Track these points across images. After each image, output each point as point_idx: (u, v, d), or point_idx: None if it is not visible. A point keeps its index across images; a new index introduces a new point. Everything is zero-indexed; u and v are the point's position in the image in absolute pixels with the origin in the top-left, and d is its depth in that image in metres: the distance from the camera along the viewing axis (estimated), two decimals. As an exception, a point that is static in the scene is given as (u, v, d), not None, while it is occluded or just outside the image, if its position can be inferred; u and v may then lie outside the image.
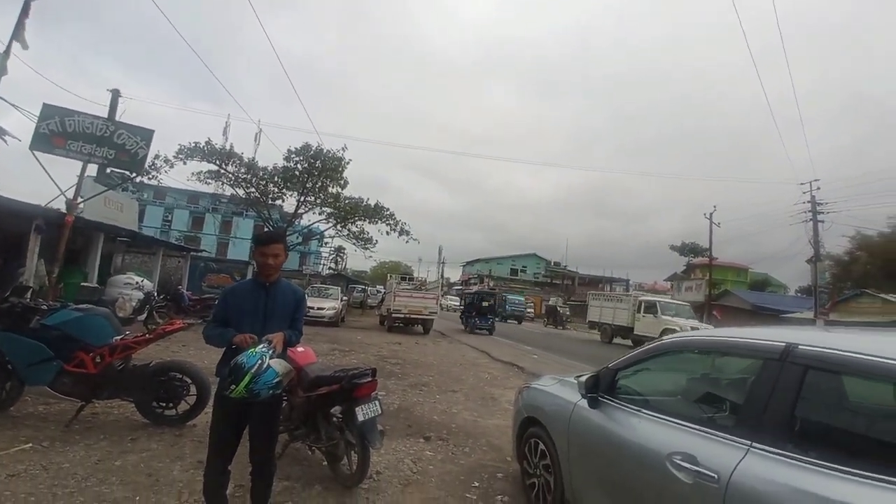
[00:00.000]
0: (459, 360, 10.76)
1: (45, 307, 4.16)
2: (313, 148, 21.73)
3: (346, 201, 23.52)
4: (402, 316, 16.31)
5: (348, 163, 22.28)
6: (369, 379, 3.21)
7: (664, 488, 1.92)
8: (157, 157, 19.44)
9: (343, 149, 22.09)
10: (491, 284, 56.57)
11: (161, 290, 13.25)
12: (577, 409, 2.72)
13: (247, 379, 2.10)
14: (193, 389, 4.18)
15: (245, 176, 22.47)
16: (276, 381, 2.20)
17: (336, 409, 3.31)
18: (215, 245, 44.43)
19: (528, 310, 38.19)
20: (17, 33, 6.57)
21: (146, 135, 8.57)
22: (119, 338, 4.16)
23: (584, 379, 2.72)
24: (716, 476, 1.70)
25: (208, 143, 20.76)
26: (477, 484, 3.57)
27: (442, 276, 50.78)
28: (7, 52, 6.43)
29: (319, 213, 24.55)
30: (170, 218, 48.46)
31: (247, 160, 21.84)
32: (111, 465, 3.26)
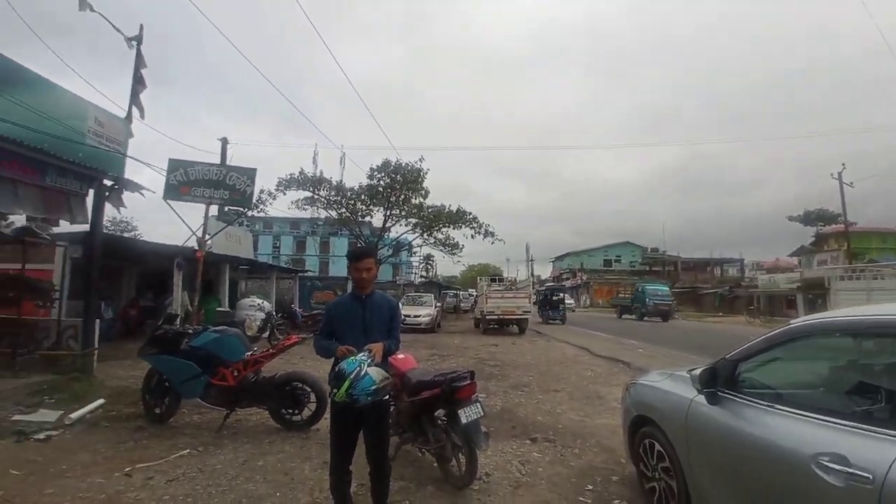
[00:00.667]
0: (559, 358, 10.48)
1: (190, 331, 4.88)
2: (393, 163, 22.74)
3: (429, 210, 24.19)
4: (496, 317, 16.30)
5: (427, 173, 22.95)
6: (468, 382, 3.27)
7: (810, 493, 1.70)
8: (262, 191, 21.75)
9: (420, 160, 22.81)
10: (584, 278, 54.30)
11: (278, 309, 14.76)
12: (694, 406, 2.50)
13: (346, 384, 2.28)
14: (313, 397, 4.61)
15: (335, 198, 24.14)
16: (373, 388, 2.34)
17: (440, 413, 3.42)
18: (317, 265, 48.41)
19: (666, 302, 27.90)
20: (135, 100, 7.79)
21: (251, 173, 9.59)
22: (249, 354, 4.77)
23: (698, 373, 2.50)
24: (870, 477, 1.47)
25: (301, 172, 22.72)
26: (591, 487, 3.43)
27: (532, 273, 49.90)
28: (129, 117, 7.63)
29: (406, 225, 25.54)
30: (278, 244, 53.80)
31: (335, 183, 23.51)
32: (255, 465, 3.70)
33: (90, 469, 3.56)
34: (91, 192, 6.38)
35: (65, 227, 7.19)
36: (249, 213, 19.75)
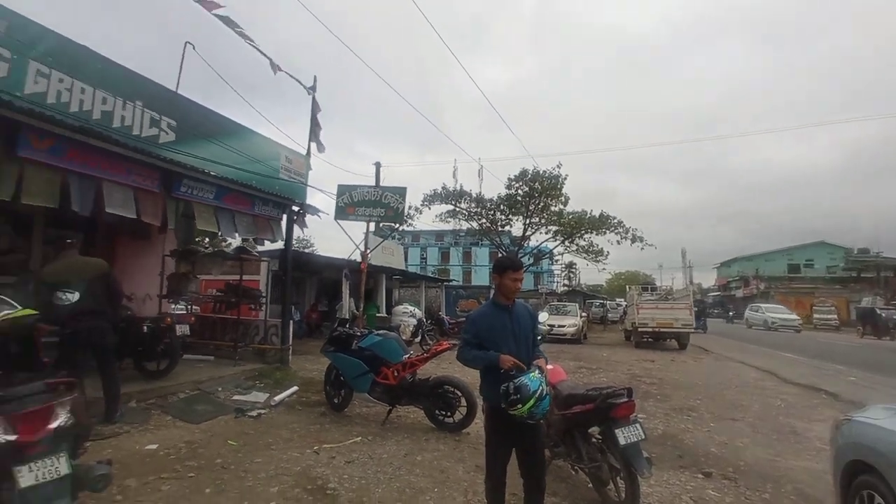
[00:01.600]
0: (733, 380, 9.05)
1: (358, 333, 5.56)
2: (530, 172, 22.62)
3: (570, 216, 23.38)
4: (650, 330, 14.87)
5: (565, 178, 22.28)
6: (626, 399, 3.04)
7: None
8: (409, 207, 23.74)
9: (558, 166, 22.25)
10: (761, 286, 45.96)
11: (427, 315, 15.88)
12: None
13: (531, 402, 2.31)
14: (464, 402, 4.83)
15: (475, 209, 24.96)
16: (549, 407, 2.36)
17: (594, 430, 3.25)
18: (461, 274, 50.68)
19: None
20: (313, 138, 9.19)
21: (402, 192, 10.54)
22: (407, 356, 5.22)
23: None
24: None
25: (443, 187, 24.11)
26: (787, 540, 2.88)
27: (690, 281, 44.17)
28: (308, 153, 9.02)
29: (546, 233, 25.09)
30: (425, 255, 57.94)
31: (475, 195, 24.34)
32: (414, 459, 4.01)
33: (289, 444, 4.29)
34: (284, 216, 7.77)
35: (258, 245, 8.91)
36: (401, 228, 21.67)
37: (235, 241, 11.78)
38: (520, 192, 23.22)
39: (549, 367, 3.60)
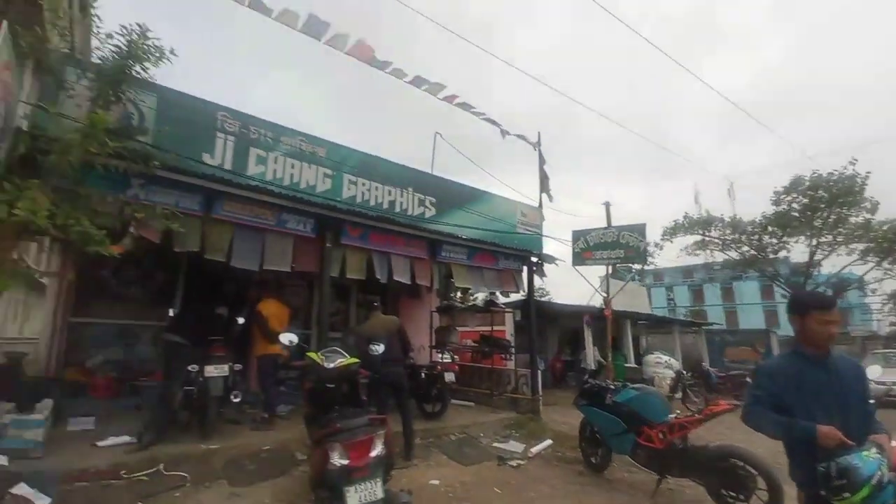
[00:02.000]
0: None
1: (612, 387, 5.17)
2: (807, 178, 17.76)
3: (885, 227, 17.03)
4: None
5: (867, 178, 16.55)
6: None
7: None
8: (649, 243, 21.70)
9: (851, 162, 16.76)
10: None
11: (686, 367, 13.72)
12: None
13: (864, 491, 1.71)
14: (761, 482, 3.83)
15: (731, 237, 20.94)
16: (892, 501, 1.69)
17: None
18: (722, 315, 42.38)
19: None
20: (544, 189, 9.50)
21: (640, 229, 9.79)
22: (672, 416, 4.53)
23: None
24: None
25: (686, 217, 21.21)
26: None
27: None
28: (540, 205, 9.33)
29: (847, 253, 18.87)
30: (672, 296, 51.19)
31: (728, 220, 20.49)
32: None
33: (552, 500, 4.24)
34: (524, 268, 8.22)
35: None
36: (642, 268, 19.95)
37: (481, 295, 13.08)
38: (794, 205, 18.47)
39: (894, 443, 2.56)
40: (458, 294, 14.51)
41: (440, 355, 7.90)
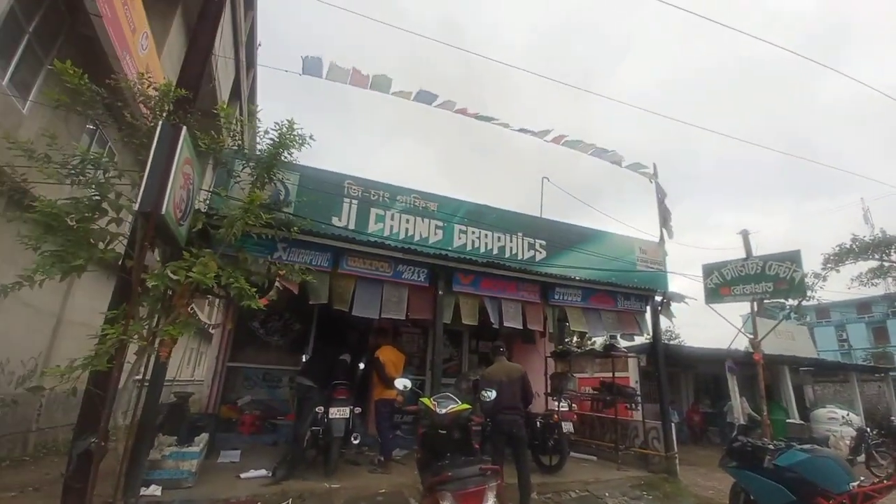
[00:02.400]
0: None
1: (771, 447, 4.32)
2: None
3: None
4: None
5: None
6: None
7: None
8: (807, 274, 18.39)
9: None
10: None
11: (870, 423, 10.99)
12: None
13: None
14: None
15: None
16: None
17: None
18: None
19: None
20: (664, 223, 8.76)
21: (794, 256, 8.45)
22: (855, 484, 3.68)
23: None
24: None
25: (855, 239, 17.64)
26: None
27: None
28: (662, 240, 8.59)
29: None
30: (844, 336, 42.03)
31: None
32: None
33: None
34: (648, 308, 7.58)
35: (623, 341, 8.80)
36: (799, 303, 16.95)
37: (599, 340, 12.22)
38: None
39: None
40: (575, 339, 13.81)
41: (556, 403, 7.50)
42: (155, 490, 4.24)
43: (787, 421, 10.63)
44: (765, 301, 12.80)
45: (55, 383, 2.97)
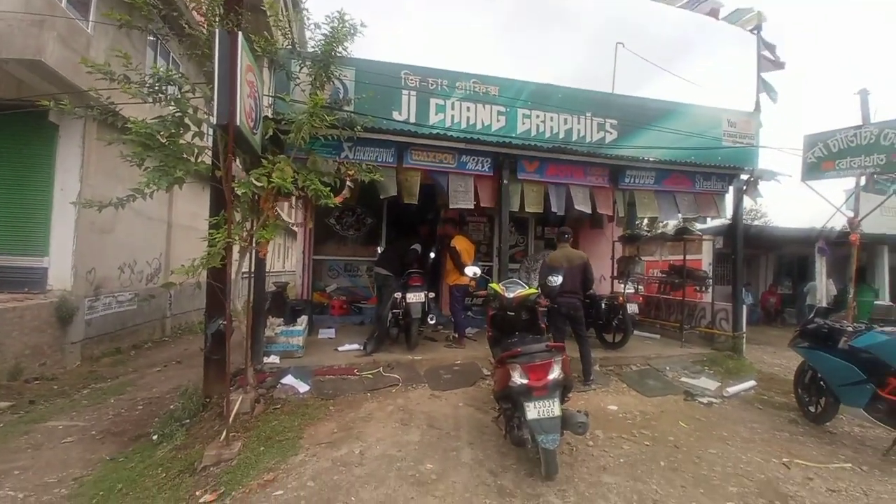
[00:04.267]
0: None
1: (849, 328, 4.24)
2: None
3: None
4: None
5: None
6: None
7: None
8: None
9: None
10: None
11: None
12: None
13: None
14: None
15: None
16: None
17: None
18: None
19: None
20: (763, 86, 7.57)
21: (916, 122, 7.16)
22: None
23: None
24: None
25: None
26: None
27: None
28: (757, 108, 7.52)
29: None
30: (977, 208, 36.37)
31: None
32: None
33: (748, 445, 3.93)
34: (731, 188, 7.04)
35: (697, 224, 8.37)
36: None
37: (672, 222, 11.71)
38: None
39: None
40: (646, 221, 13.36)
41: (623, 286, 7.63)
42: (274, 359, 5.18)
43: (876, 303, 10.03)
44: (874, 175, 11.23)
45: (182, 279, 3.57)
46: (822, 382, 4.39)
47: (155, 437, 4.02)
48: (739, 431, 4.25)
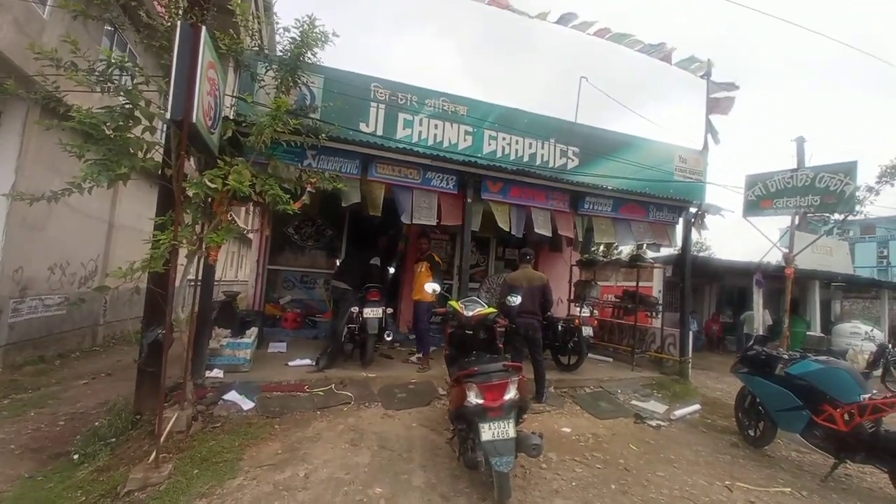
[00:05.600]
0: None
1: (785, 356, 4.48)
2: None
3: None
4: None
5: None
6: None
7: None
8: (860, 188, 17.22)
9: None
10: None
11: (893, 339, 11.06)
12: None
13: None
14: None
15: None
16: None
17: None
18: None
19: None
20: (709, 128, 8.15)
21: (848, 168, 7.85)
22: (867, 396, 3.83)
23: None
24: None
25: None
26: None
27: None
28: (705, 147, 8.07)
29: None
30: (885, 252, 40.34)
31: None
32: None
33: (693, 468, 4.03)
34: (680, 220, 7.42)
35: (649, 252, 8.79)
36: (845, 218, 16.18)
37: (626, 249, 12.20)
38: None
39: None
40: (601, 248, 13.84)
41: (579, 310, 7.79)
42: (218, 373, 4.85)
43: (808, 333, 10.77)
44: (808, 214, 12.23)
45: (118, 283, 3.28)
46: (760, 407, 4.60)
47: (76, 457, 3.61)
48: (685, 454, 4.36)
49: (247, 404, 4.39)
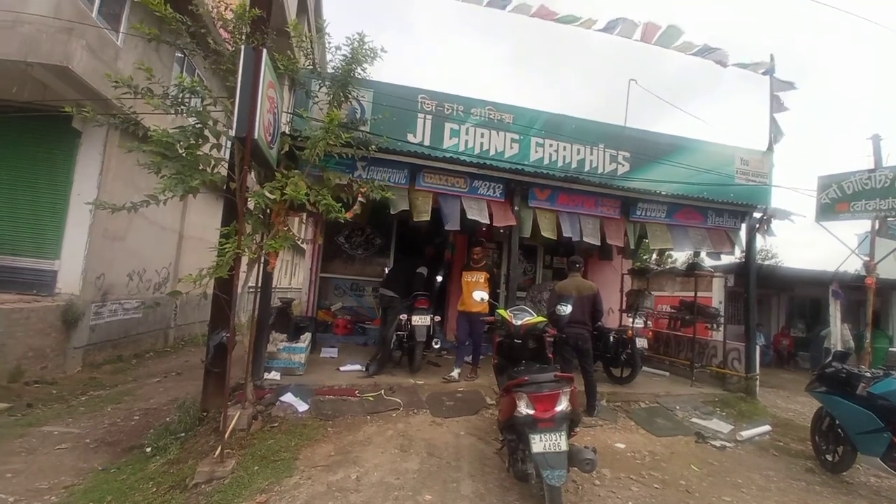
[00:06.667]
0: None
1: (868, 374, 4.12)
2: None
3: None
4: None
5: None
6: None
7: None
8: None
9: None
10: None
11: None
12: None
13: None
14: None
15: None
16: None
17: None
18: None
19: None
20: (772, 128, 7.59)
21: (934, 167, 7.12)
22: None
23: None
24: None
25: None
26: None
27: None
28: (770, 147, 7.51)
29: None
30: None
31: None
32: None
33: (764, 494, 3.74)
34: (743, 225, 6.97)
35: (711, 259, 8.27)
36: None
37: (683, 257, 11.61)
38: None
39: None
40: (654, 256, 13.25)
41: (631, 320, 7.48)
42: (275, 375, 5.09)
43: (890, 349, 9.73)
44: (888, 219, 11.11)
45: (189, 289, 3.54)
46: (839, 430, 4.21)
47: (149, 450, 3.91)
48: (755, 479, 4.05)
49: (302, 406, 4.56)
